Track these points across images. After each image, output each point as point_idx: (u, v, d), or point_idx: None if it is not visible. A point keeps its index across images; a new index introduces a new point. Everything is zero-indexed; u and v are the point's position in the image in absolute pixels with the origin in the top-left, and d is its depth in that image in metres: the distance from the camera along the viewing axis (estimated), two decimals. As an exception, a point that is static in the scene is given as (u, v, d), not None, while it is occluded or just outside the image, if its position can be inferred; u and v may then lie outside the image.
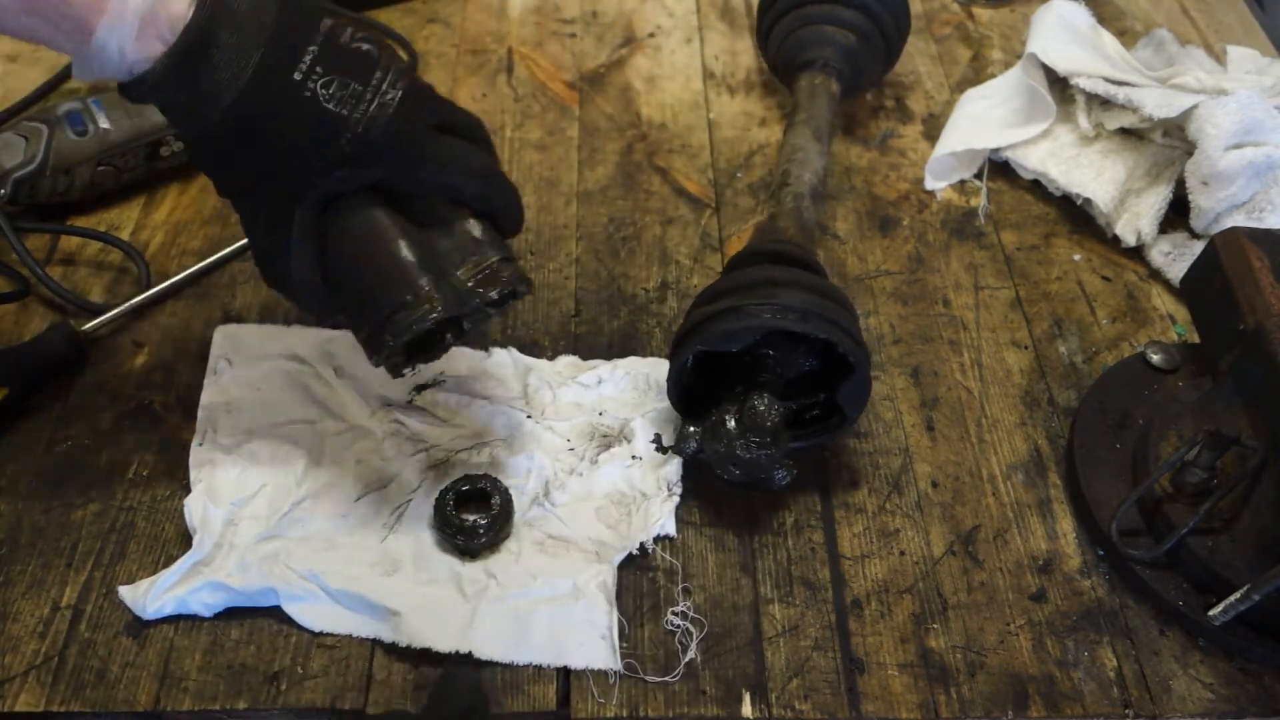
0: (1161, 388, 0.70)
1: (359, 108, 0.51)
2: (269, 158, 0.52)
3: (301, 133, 0.51)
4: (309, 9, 0.53)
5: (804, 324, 0.60)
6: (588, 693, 0.57)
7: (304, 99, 0.51)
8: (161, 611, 0.59)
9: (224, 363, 0.70)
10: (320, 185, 0.53)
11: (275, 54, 0.50)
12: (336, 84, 0.51)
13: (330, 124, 0.51)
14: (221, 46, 0.50)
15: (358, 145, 0.52)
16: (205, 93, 0.50)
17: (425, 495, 0.64)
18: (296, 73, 0.51)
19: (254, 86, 0.50)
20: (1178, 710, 0.58)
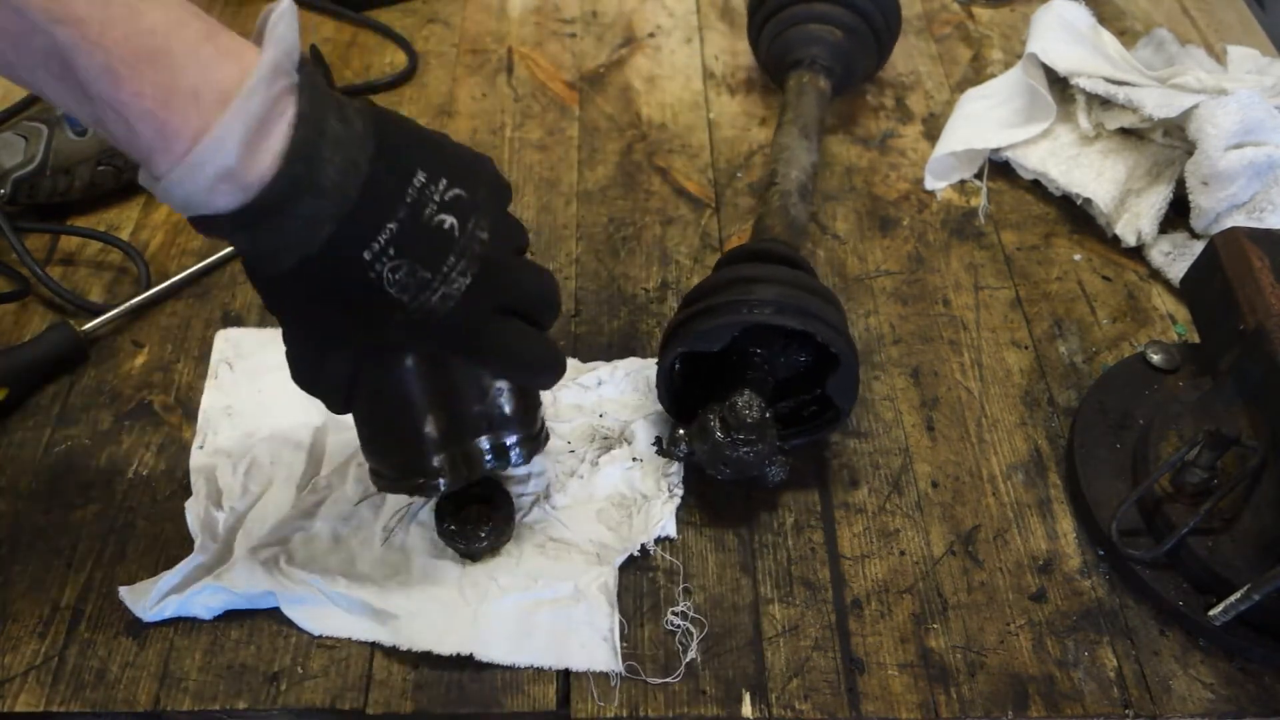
0: (1161, 388, 0.70)
1: (420, 296, 0.48)
2: (320, 311, 0.50)
3: (357, 305, 0.48)
4: (407, 159, 0.48)
5: (779, 317, 0.60)
6: (588, 693, 0.57)
7: (369, 280, 0.47)
8: (162, 614, 0.59)
9: (225, 366, 0.70)
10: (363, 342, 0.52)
11: (350, 228, 0.46)
12: (404, 270, 0.47)
13: (388, 305, 0.48)
14: (298, 216, 0.45)
15: (405, 332, 0.49)
16: (267, 254, 0.46)
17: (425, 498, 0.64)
18: (368, 252, 0.46)
19: (318, 260, 0.46)
20: (1178, 710, 0.58)
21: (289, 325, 0.53)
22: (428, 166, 0.48)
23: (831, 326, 0.61)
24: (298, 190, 0.44)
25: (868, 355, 0.74)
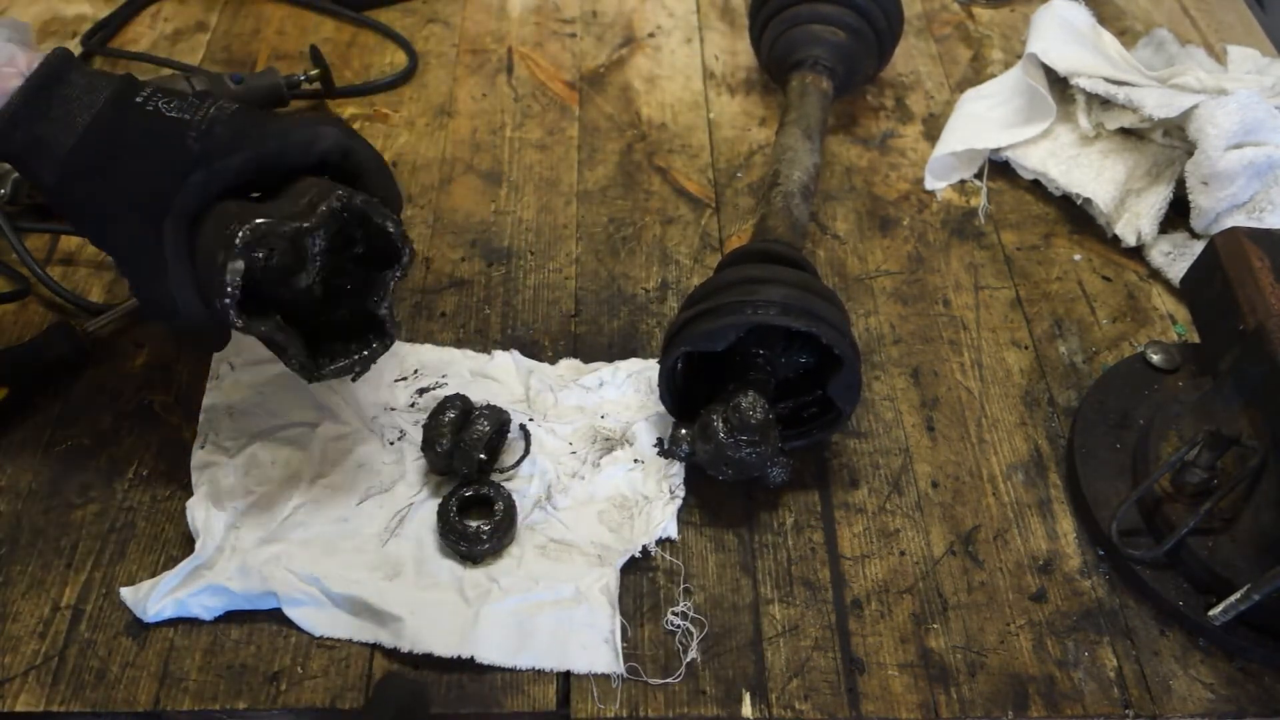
0: (1161, 388, 0.70)
1: (199, 112, 0.55)
2: (125, 178, 0.54)
3: (149, 143, 0.54)
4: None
5: (783, 318, 0.60)
6: (588, 693, 0.57)
7: (147, 113, 0.55)
8: (162, 614, 0.59)
9: (226, 366, 0.70)
10: (179, 195, 0.54)
11: (120, 88, 0.56)
12: (176, 102, 0.56)
13: (174, 128, 0.54)
14: (75, 84, 0.55)
15: (205, 140, 0.54)
16: (60, 121, 0.54)
17: (427, 499, 0.64)
18: (138, 97, 0.55)
19: (104, 112, 0.54)
20: (1178, 710, 0.58)
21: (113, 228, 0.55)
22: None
23: (835, 328, 0.61)
24: (65, 66, 0.55)
25: (868, 355, 0.74)
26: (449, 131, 0.90)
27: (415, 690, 0.49)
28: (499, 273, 0.79)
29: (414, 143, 0.89)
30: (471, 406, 0.65)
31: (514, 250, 0.80)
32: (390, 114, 0.91)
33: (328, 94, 0.91)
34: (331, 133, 0.57)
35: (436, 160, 0.87)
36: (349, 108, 0.92)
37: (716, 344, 0.62)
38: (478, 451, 0.63)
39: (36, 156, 0.54)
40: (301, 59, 0.95)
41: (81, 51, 0.94)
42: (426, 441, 0.64)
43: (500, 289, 0.78)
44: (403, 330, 0.70)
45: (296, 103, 0.90)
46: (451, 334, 0.74)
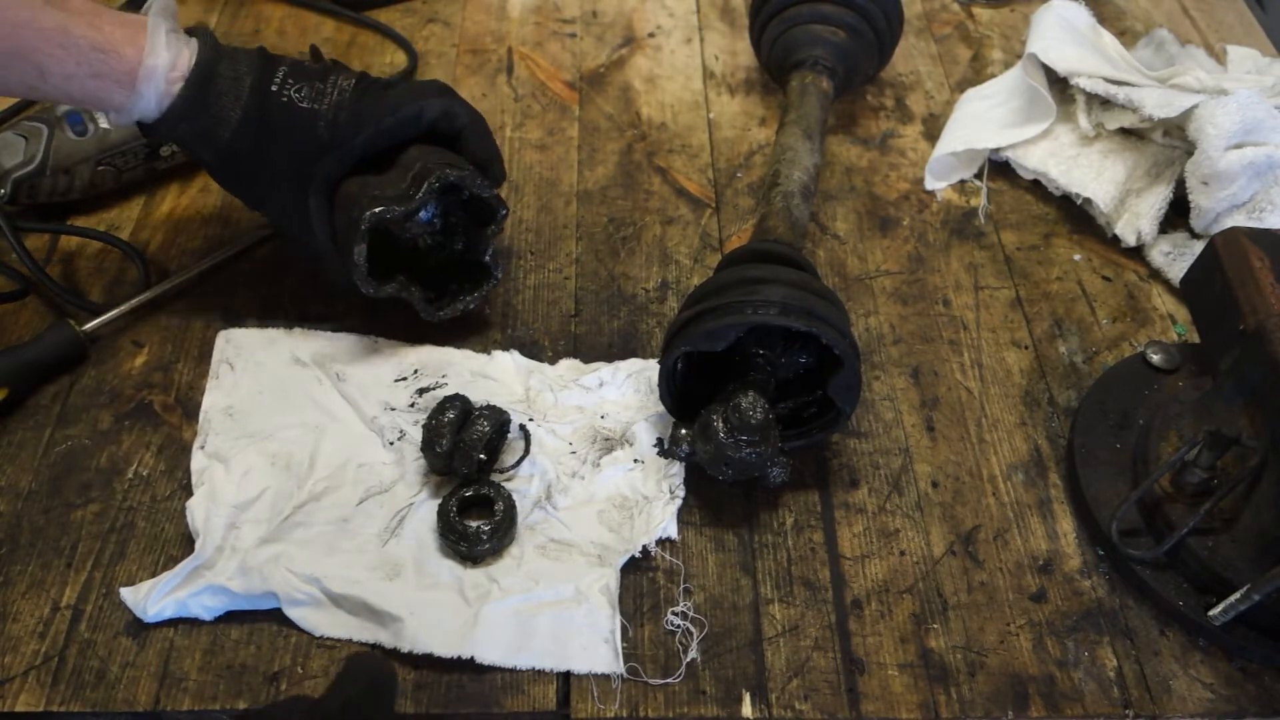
0: (1161, 388, 0.70)
1: (324, 99, 0.66)
2: (271, 161, 0.66)
3: (288, 134, 0.65)
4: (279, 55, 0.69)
5: (783, 318, 0.60)
6: (588, 693, 0.57)
7: (283, 104, 0.65)
8: (162, 614, 0.59)
9: (226, 366, 0.70)
10: (316, 172, 0.66)
11: (259, 76, 0.66)
12: (305, 88, 0.66)
13: (307, 119, 0.66)
14: (224, 76, 0.65)
15: (332, 129, 0.66)
16: (218, 115, 0.65)
17: (427, 499, 0.64)
18: (274, 84, 0.66)
19: (250, 102, 0.65)
20: (1178, 710, 0.58)
21: (269, 201, 0.68)
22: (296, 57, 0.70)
23: (835, 328, 0.61)
24: (216, 58, 0.65)
25: (868, 355, 0.74)
26: (449, 131, 0.90)
27: (381, 671, 0.50)
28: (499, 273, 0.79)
29: (414, 143, 0.89)
30: (471, 407, 0.65)
31: (514, 250, 0.80)
32: (390, 114, 0.91)
33: (328, 94, 0.91)
34: (436, 104, 0.68)
35: (436, 160, 0.87)
36: (349, 108, 0.91)
37: (716, 344, 0.62)
38: (477, 452, 0.63)
39: (199, 143, 0.66)
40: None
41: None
42: (426, 442, 0.64)
43: (500, 289, 0.78)
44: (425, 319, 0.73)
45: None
46: (451, 334, 0.74)
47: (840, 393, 0.63)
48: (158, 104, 0.64)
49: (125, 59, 0.62)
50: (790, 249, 0.69)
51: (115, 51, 0.62)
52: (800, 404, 0.67)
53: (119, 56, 0.62)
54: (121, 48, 0.62)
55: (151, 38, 0.63)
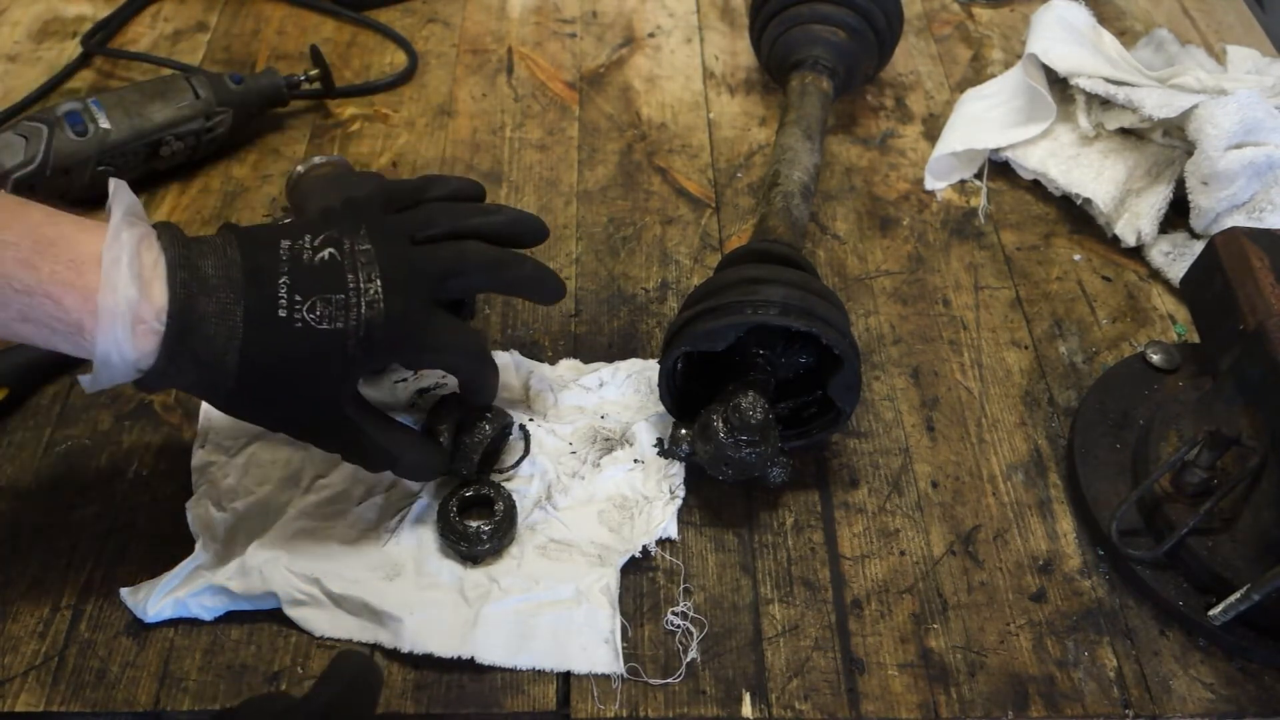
0: (1161, 388, 0.70)
1: (350, 316, 0.53)
2: (295, 392, 0.54)
3: (311, 360, 0.53)
4: (267, 237, 0.55)
5: (784, 318, 0.60)
6: (588, 693, 0.57)
7: (297, 331, 0.52)
8: (162, 615, 0.59)
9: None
10: (346, 387, 0.55)
11: (255, 302, 0.52)
12: (320, 305, 0.53)
13: (330, 342, 0.53)
14: (207, 316, 0.51)
15: (363, 346, 0.54)
16: (211, 364, 0.52)
17: (426, 499, 0.64)
18: (280, 309, 0.52)
19: (250, 340, 0.52)
20: (1178, 710, 0.58)
21: (294, 423, 0.57)
22: (288, 233, 0.55)
23: (835, 328, 0.61)
24: (191, 295, 0.51)
25: (868, 355, 0.74)
26: (449, 131, 0.90)
27: (367, 665, 0.50)
28: (499, 273, 0.79)
29: (414, 143, 0.89)
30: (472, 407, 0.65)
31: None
32: (390, 114, 0.91)
33: (328, 94, 0.91)
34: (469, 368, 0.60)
35: (436, 160, 0.87)
36: (349, 108, 0.92)
37: (716, 344, 0.62)
38: (477, 454, 0.63)
39: (199, 393, 0.54)
40: (301, 59, 0.95)
41: (81, 52, 0.94)
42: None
43: (500, 289, 0.78)
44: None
45: (296, 102, 0.90)
46: (451, 334, 0.74)
47: (840, 393, 0.63)
48: (127, 364, 0.51)
49: (65, 309, 0.48)
50: (790, 249, 0.69)
51: (49, 298, 0.48)
52: (800, 404, 0.67)
53: (56, 304, 0.48)
54: (61, 294, 0.48)
55: (107, 282, 0.49)
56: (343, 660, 0.50)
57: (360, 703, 0.49)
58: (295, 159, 0.87)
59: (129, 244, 0.50)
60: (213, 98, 0.83)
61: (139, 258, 0.50)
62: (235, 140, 0.86)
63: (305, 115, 0.91)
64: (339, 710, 0.47)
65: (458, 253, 0.58)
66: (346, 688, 0.48)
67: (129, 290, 0.49)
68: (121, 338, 0.49)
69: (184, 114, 0.81)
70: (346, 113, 0.91)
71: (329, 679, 0.48)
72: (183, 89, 0.82)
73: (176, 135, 0.81)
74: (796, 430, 0.67)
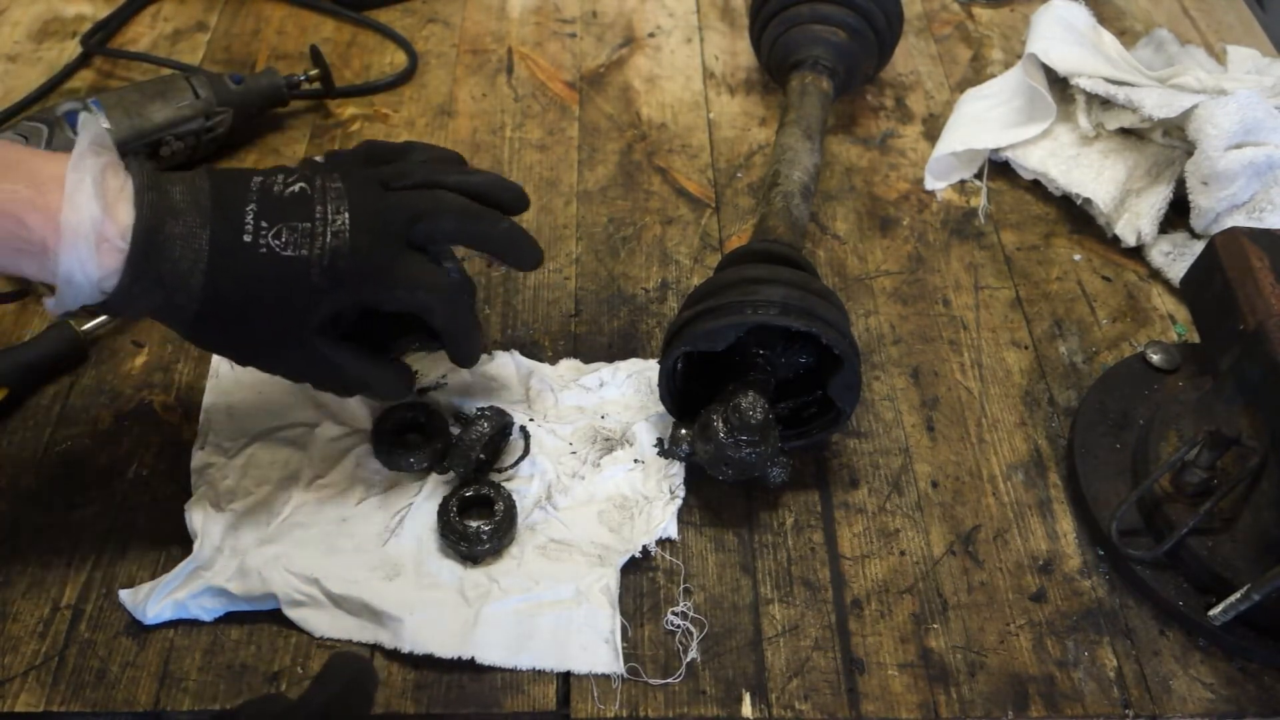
0: (1161, 388, 0.70)
1: (315, 244, 0.54)
2: (260, 319, 0.55)
3: (275, 286, 0.54)
4: (240, 174, 0.56)
5: (784, 318, 0.60)
6: (588, 693, 0.57)
7: (262, 256, 0.53)
8: (161, 616, 0.59)
9: (226, 366, 0.70)
10: (312, 317, 0.55)
11: (220, 226, 0.53)
12: (285, 231, 0.54)
13: (294, 269, 0.54)
14: (173, 237, 0.52)
15: (328, 275, 0.54)
16: (175, 285, 0.52)
17: (426, 499, 0.64)
18: (245, 234, 0.53)
19: (215, 264, 0.53)
20: (1178, 710, 0.58)
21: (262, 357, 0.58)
22: (263, 173, 0.56)
23: (835, 328, 0.61)
24: (159, 215, 0.52)
25: (868, 355, 0.74)
26: (449, 131, 0.90)
27: (361, 668, 0.50)
28: (499, 273, 0.79)
29: (414, 143, 0.89)
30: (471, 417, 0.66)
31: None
32: (390, 114, 0.91)
33: (328, 94, 0.91)
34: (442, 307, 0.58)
35: (436, 160, 0.87)
36: (349, 108, 0.92)
37: (716, 344, 0.62)
38: (475, 451, 0.63)
39: (164, 317, 0.55)
40: (301, 59, 0.95)
41: (81, 52, 0.94)
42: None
43: (500, 289, 0.78)
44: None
45: (296, 102, 0.90)
46: (451, 334, 0.74)
47: (840, 393, 0.63)
48: (91, 283, 0.51)
49: (29, 228, 0.49)
50: (790, 249, 0.69)
51: (13, 217, 0.49)
52: (800, 404, 0.67)
53: (19, 224, 0.49)
54: (24, 213, 0.49)
55: (70, 199, 0.49)
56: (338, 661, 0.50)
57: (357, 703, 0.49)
58: (295, 159, 0.86)
59: (93, 168, 0.51)
60: (213, 98, 0.83)
61: (104, 180, 0.51)
62: (235, 140, 0.86)
63: (305, 115, 0.91)
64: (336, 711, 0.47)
65: (430, 198, 0.58)
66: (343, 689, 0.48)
67: (92, 208, 0.50)
68: (85, 256, 0.50)
69: (184, 114, 0.81)
70: (346, 113, 0.91)
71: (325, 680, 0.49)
72: (183, 89, 0.82)
73: (176, 135, 0.81)
74: (796, 430, 0.67)
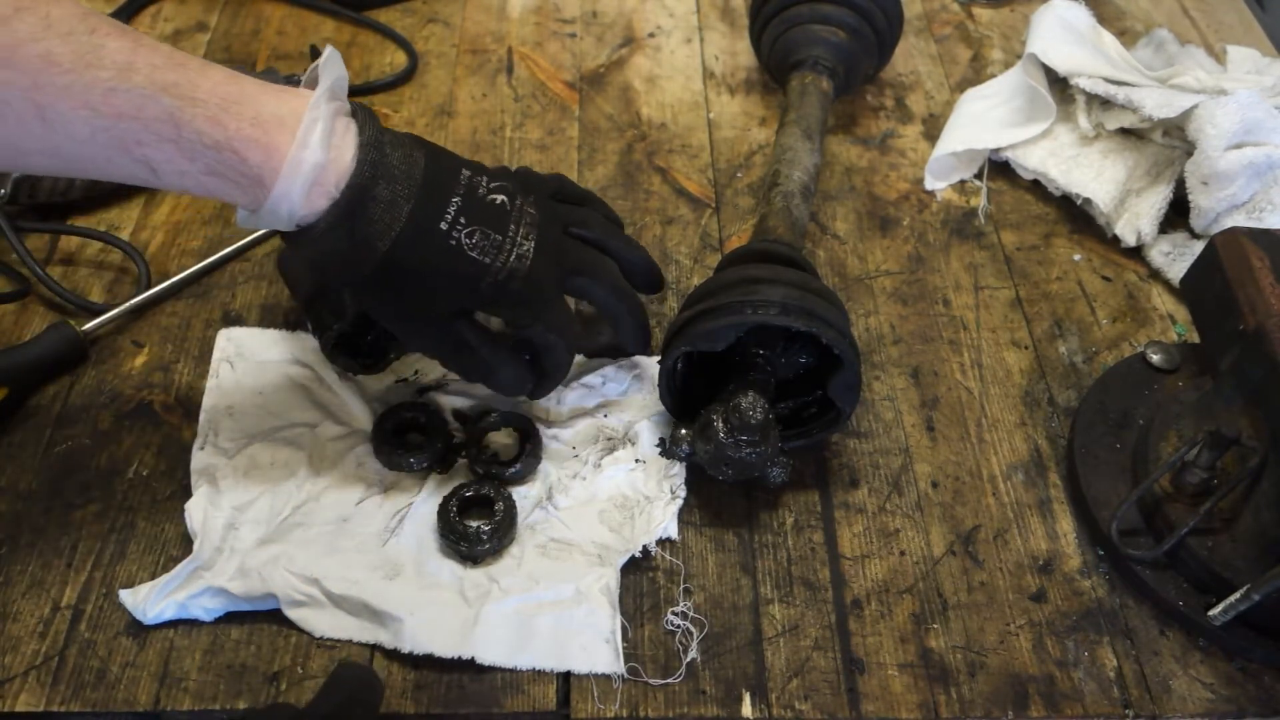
0: (1161, 388, 0.70)
1: (499, 257, 0.57)
2: (423, 296, 0.58)
3: (450, 277, 0.57)
4: (450, 160, 0.58)
5: (784, 317, 0.60)
6: (588, 693, 0.57)
7: (450, 248, 0.56)
8: (161, 616, 0.59)
9: (226, 365, 0.70)
10: (466, 314, 0.60)
11: (424, 205, 0.55)
12: (479, 234, 0.57)
13: (475, 269, 0.57)
14: (379, 200, 0.54)
15: (497, 291, 0.58)
16: (362, 242, 0.55)
17: (426, 499, 0.64)
18: (443, 222, 0.56)
19: (406, 236, 0.55)
20: (1178, 710, 0.58)
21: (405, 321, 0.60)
22: (470, 167, 0.59)
23: (835, 328, 0.61)
24: (374, 176, 0.54)
25: (868, 355, 0.74)
26: (449, 131, 0.90)
27: (366, 677, 0.50)
28: (499, 273, 0.79)
29: (414, 143, 0.89)
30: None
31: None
32: (390, 114, 0.91)
33: (328, 94, 0.91)
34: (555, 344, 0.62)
35: (436, 160, 0.87)
36: (349, 108, 0.92)
37: (716, 344, 0.62)
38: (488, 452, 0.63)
39: (337, 267, 0.56)
40: (301, 59, 0.95)
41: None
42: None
43: (500, 289, 0.78)
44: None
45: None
46: (451, 334, 0.74)
47: (840, 393, 0.63)
48: (292, 217, 0.54)
49: (249, 163, 0.52)
50: (790, 249, 0.69)
51: (235, 153, 0.51)
52: (800, 404, 0.67)
53: (240, 160, 0.51)
54: (246, 149, 0.51)
55: (301, 141, 0.52)
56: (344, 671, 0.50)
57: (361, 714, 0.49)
58: (295, 159, 0.86)
59: (328, 113, 0.53)
60: (213, 98, 0.83)
61: (334, 126, 0.54)
62: (235, 140, 0.86)
63: (305, 115, 0.91)
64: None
65: (598, 260, 0.64)
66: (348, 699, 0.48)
67: (318, 153, 0.52)
68: (297, 194, 0.52)
69: (184, 114, 0.81)
70: (346, 113, 0.91)
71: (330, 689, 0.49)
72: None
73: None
74: (796, 430, 0.67)
